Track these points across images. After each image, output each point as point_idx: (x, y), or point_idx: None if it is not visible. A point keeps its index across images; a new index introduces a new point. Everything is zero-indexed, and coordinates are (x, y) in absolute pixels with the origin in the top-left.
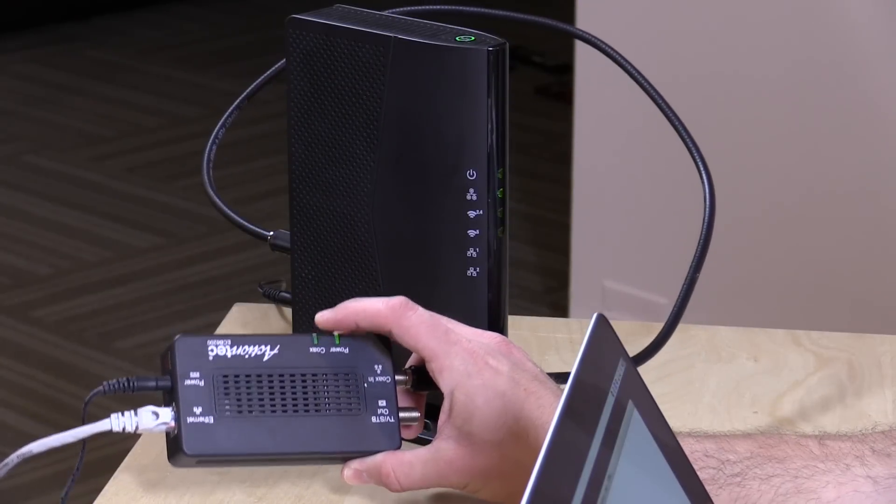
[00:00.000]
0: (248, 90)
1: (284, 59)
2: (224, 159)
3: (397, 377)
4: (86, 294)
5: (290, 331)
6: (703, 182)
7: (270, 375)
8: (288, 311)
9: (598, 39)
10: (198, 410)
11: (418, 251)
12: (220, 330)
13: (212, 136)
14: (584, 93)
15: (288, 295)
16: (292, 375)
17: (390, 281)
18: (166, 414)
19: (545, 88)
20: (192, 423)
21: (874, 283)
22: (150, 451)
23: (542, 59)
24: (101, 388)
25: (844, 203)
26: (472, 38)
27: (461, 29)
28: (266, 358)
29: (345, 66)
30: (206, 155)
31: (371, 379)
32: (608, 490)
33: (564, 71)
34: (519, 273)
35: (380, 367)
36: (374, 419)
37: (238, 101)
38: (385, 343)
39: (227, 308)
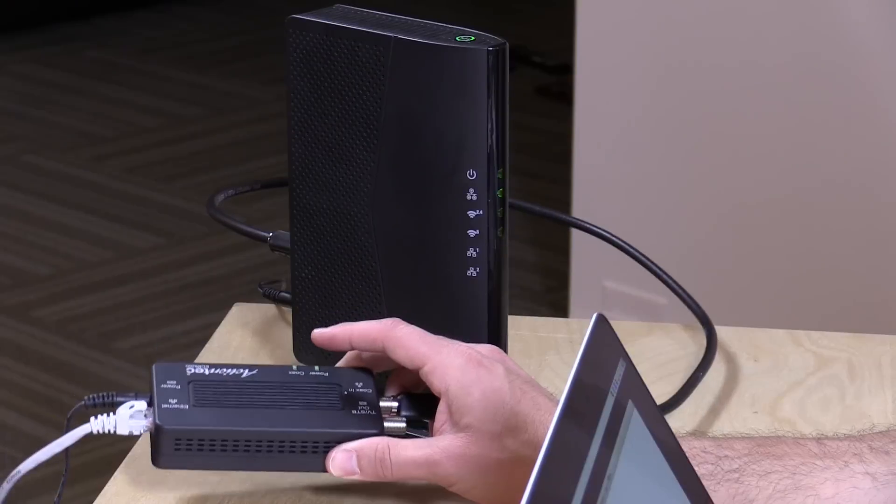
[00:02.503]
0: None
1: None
2: (224, 159)
3: (384, 403)
4: (86, 294)
5: (289, 331)
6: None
7: (248, 383)
8: (288, 311)
9: (594, 225)
10: (173, 401)
11: (418, 251)
12: (219, 330)
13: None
14: (584, 93)
15: (288, 295)
16: (271, 384)
17: (390, 281)
18: (141, 404)
19: (545, 88)
20: (167, 408)
21: (874, 283)
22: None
23: (542, 59)
24: (82, 402)
25: (845, 203)
26: (472, 38)
27: (461, 29)
28: (244, 376)
29: (345, 66)
30: (216, 198)
31: (351, 390)
32: (608, 490)
33: (564, 71)
34: (519, 273)
35: (360, 383)
36: (354, 412)
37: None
38: (367, 371)
39: (227, 308)
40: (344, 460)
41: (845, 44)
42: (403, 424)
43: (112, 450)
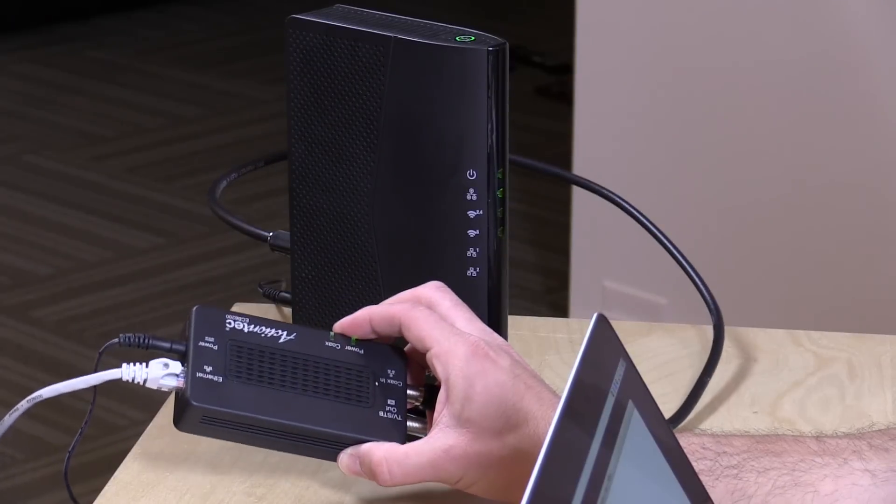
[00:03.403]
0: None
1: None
2: (224, 159)
3: (410, 392)
4: (86, 294)
5: None
6: (711, 313)
7: (284, 355)
8: (288, 311)
9: (593, 183)
10: (208, 369)
11: (418, 251)
12: None
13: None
14: (584, 93)
15: (288, 295)
16: (305, 359)
17: (390, 281)
18: (176, 367)
19: (545, 88)
20: (201, 378)
21: (874, 283)
22: (150, 452)
23: (542, 59)
24: (116, 340)
25: (845, 202)
26: (472, 38)
27: (461, 29)
28: (281, 340)
29: (345, 66)
30: (219, 184)
31: (382, 380)
32: (608, 490)
33: (564, 71)
34: (519, 273)
35: (392, 371)
36: (381, 413)
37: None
38: (401, 354)
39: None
40: (350, 464)
41: (849, 41)
42: (425, 425)
43: (112, 450)
